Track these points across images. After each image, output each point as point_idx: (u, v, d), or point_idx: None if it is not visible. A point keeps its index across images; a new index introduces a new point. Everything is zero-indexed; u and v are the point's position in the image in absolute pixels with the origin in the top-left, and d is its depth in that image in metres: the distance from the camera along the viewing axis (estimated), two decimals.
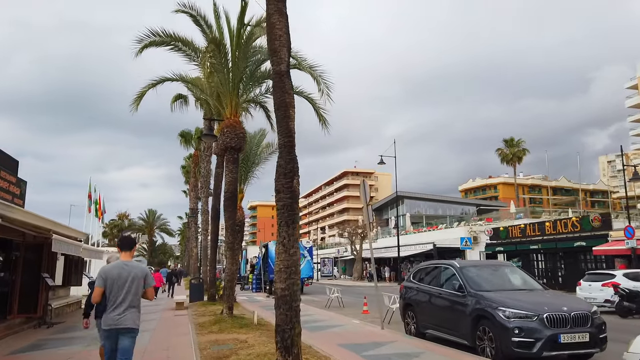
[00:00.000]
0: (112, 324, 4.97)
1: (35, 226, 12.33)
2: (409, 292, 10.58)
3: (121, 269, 5.08)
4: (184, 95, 27.83)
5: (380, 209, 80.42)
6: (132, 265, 5.18)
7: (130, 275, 5.08)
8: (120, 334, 5.04)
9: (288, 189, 6.01)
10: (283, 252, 5.97)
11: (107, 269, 5.14)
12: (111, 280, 5.02)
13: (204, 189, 28.09)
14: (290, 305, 5.95)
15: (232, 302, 12.72)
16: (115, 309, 4.98)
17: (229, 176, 13.26)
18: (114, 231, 78.50)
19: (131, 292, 5.07)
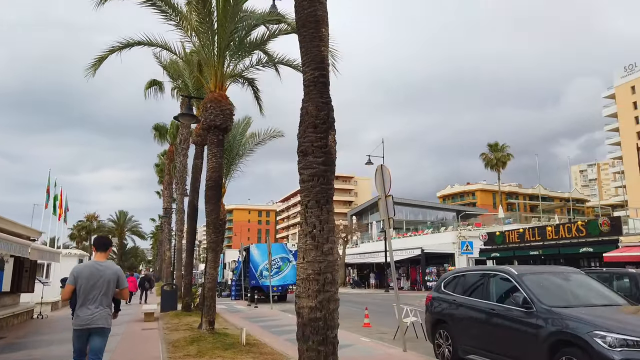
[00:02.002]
0: (84, 323, 4.97)
1: None
2: (441, 306, 8.41)
3: (93, 269, 5.09)
4: (158, 82, 25.30)
5: (360, 213, 78.50)
6: (105, 266, 5.17)
7: (103, 275, 5.07)
8: (92, 334, 5.02)
9: (320, 148, 3.86)
10: (312, 249, 3.82)
11: (79, 268, 5.16)
12: (82, 279, 5.02)
13: (179, 186, 25.48)
14: (325, 335, 3.88)
15: (213, 315, 10.35)
16: (86, 309, 4.97)
17: (213, 161, 10.91)
18: (81, 233, 74.32)
19: (102, 292, 5.05)
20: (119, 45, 11.84)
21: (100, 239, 5.59)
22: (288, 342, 10.37)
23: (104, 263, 5.24)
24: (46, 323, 16.13)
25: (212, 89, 11.32)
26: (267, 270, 24.83)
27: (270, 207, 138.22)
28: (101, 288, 5.06)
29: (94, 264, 5.21)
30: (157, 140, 35.50)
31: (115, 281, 5.20)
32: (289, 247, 26.63)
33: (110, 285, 5.15)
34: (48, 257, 15.20)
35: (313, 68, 4.05)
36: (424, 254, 38.37)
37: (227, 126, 11.07)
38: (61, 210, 25.21)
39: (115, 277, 5.21)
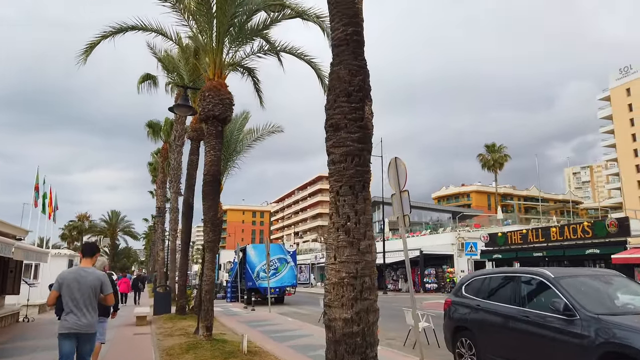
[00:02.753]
0: (70, 327, 5.04)
1: None
2: (462, 311, 7.69)
3: (77, 275, 5.17)
4: (152, 76, 24.46)
5: None
6: (89, 272, 5.25)
7: (87, 281, 5.14)
8: (79, 339, 5.12)
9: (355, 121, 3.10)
10: (347, 246, 3.13)
11: (64, 274, 5.25)
12: (67, 285, 5.09)
13: (173, 184, 24.62)
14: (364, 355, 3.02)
15: (210, 320, 9.56)
16: (72, 314, 5.05)
17: (211, 154, 10.12)
18: (73, 233, 73.05)
19: (87, 298, 5.12)
20: (112, 31, 11.02)
21: (87, 245, 5.76)
22: (291, 350, 9.61)
23: (88, 269, 5.33)
24: (32, 327, 15.24)
25: (210, 76, 10.55)
26: (264, 271, 24.04)
27: (265, 207, 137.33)
28: (85, 294, 5.15)
29: (79, 270, 5.31)
30: (151, 137, 34.58)
31: (99, 287, 5.27)
32: (287, 248, 25.82)
33: (95, 291, 5.23)
34: (35, 257, 14.32)
35: (345, 23, 3.31)
36: (423, 256, 37.69)
37: (227, 116, 10.29)
38: (51, 208, 24.27)
39: (99, 283, 5.27)
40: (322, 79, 11.95)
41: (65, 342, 5.14)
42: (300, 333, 12.15)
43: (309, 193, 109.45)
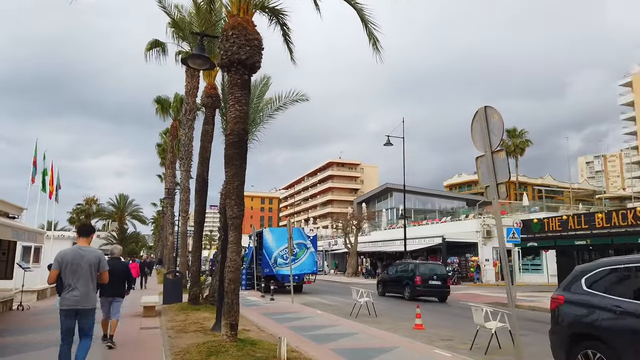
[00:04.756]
0: (70, 304, 5.26)
1: None
2: (586, 313, 5.60)
3: (76, 254, 5.41)
4: (161, 43, 22.34)
5: (367, 201, 75.69)
6: (87, 250, 5.51)
7: (84, 259, 5.38)
8: (79, 314, 5.32)
9: None
10: None
11: (63, 254, 5.46)
12: (66, 263, 5.32)
13: (184, 162, 22.63)
14: None
15: (236, 317, 7.58)
16: (72, 291, 5.26)
17: (236, 109, 8.05)
18: (80, 217, 71.69)
19: (85, 275, 5.35)
20: None
21: (83, 226, 6.05)
22: (337, 355, 7.62)
23: (86, 248, 5.55)
24: (27, 316, 13.40)
25: (234, 12, 8.44)
26: (282, 257, 22.13)
27: (274, 194, 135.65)
28: (84, 271, 5.33)
29: (77, 248, 5.51)
30: (159, 115, 32.51)
31: (96, 264, 5.48)
32: (307, 232, 23.84)
33: (92, 268, 5.41)
34: (27, 238, 12.42)
35: None
36: (446, 243, 35.58)
37: (255, 62, 8.20)
38: (52, 187, 22.38)
39: (97, 261, 5.48)
40: (367, 23, 9.82)
41: (67, 319, 5.33)
42: (339, 331, 10.17)
43: (319, 179, 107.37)
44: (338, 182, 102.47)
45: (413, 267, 20.58)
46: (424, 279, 19.71)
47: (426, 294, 19.79)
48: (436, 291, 19.74)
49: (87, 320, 5.48)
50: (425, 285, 19.61)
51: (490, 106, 6.42)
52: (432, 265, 21.41)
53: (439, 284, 19.80)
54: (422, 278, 19.69)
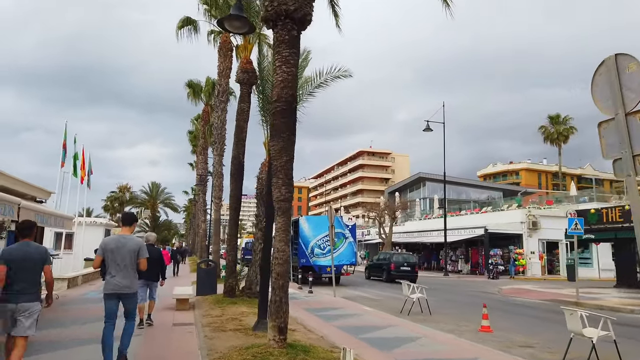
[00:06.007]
0: (112, 289, 5.63)
1: None
2: None
3: (118, 242, 5.74)
4: (192, 20, 21.35)
5: (398, 191, 73.74)
6: (128, 238, 5.83)
7: (126, 247, 5.71)
8: (121, 298, 5.71)
9: None
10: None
11: (106, 241, 5.84)
12: (109, 250, 5.66)
13: (217, 146, 21.62)
14: None
15: (285, 319, 6.33)
16: (114, 277, 5.63)
17: (283, 71, 6.75)
18: (114, 205, 72.60)
19: (126, 262, 5.67)
20: None
21: (126, 215, 6.40)
22: None
23: (127, 236, 5.91)
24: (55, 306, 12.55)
25: None
26: (319, 247, 20.92)
27: (303, 183, 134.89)
28: (125, 258, 5.68)
29: (119, 237, 5.89)
30: (191, 99, 31.68)
31: (137, 252, 5.79)
32: (345, 221, 22.52)
33: (133, 255, 5.74)
34: (53, 223, 11.52)
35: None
36: (488, 234, 33.62)
37: (305, 14, 6.86)
38: (83, 172, 21.75)
39: (137, 248, 5.81)
40: None
41: (109, 302, 5.68)
42: (397, 334, 8.84)
43: (350, 169, 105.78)
44: (368, 171, 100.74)
45: (389, 256, 26.15)
46: (397, 265, 24.61)
47: (398, 277, 22.51)
48: (406, 275, 23.12)
49: (130, 303, 5.84)
50: (397, 270, 24.17)
51: (624, 53, 4.88)
52: (405, 255, 27.55)
53: (409, 270, 24.48)
54: (396, 265, 24.61)
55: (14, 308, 4.89)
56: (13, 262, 4.99)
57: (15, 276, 4.96)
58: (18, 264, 5.00)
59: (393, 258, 25.40)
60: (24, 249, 5.14)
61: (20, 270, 4.99)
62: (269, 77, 14.63)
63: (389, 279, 24.15)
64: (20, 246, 5.20)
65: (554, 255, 35.55)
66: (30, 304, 4.97)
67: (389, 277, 24.26)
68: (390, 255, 26.38)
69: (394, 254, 26.88)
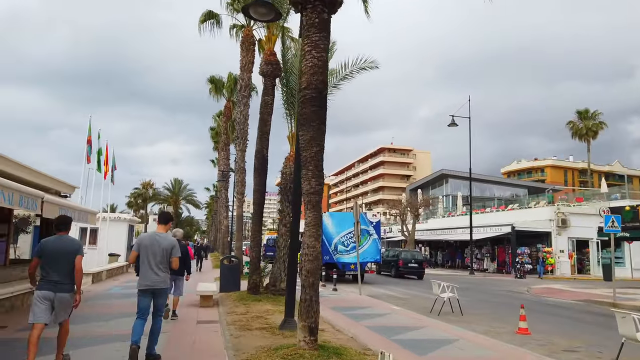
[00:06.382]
0: (146, 284, 5.78)
1: None
2: None
3: (153, 239, 5.90)
4: (215, 14, 21.17)
5: (420, 188, 72.75)
6: (162, 237, 5.98)
7: (160, 244, 5.85)
8: (154, 293, 5.84)
9: None
10: None
11: (141, 238, 6.08)
12: (144, 247, 5.84)
13: (239, 141, 21.41)
14: None
15: (315, 319, 5.98)
16: (148, 273, 5.77)
17: (312, 56, 6.37)
18: (138, 201, 73.58)
19: (160, 259, 5.82)
20: None
21: (162, 214, 6.49)
22: None
23: (162, 234, 6.06)
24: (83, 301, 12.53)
25: None
26: (343, 244, 20.55)
27: None
28: (159, 255, 5.82)
29: (154, 234, 6.03)
30: (213, 95, 31.55)
31: (170, 250, 5.91)
32: (369, 217, 22.06)
33: (166, 253, 5.87)
34: (77, 217, 11.38)
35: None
36: (515, 232, 32.68)
37: None
38: (107, 167, 21.84)
39: (171, 247, 5.93)
40: None
41: (143, 297, 5.82)
42: (431, 335, 8.40)
43: (370, 165, 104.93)
44: (390, 168, 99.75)
45: (397, 253, 27.13)
46: (405, 262, 25.56)
47: (406, 273, 25.03)
48: (414, 271, 25.23)
49: (160, 298, 5.94)
50: (405, 266, 25.36)
51: None
52: (412, 252, 28.10)
53: (416, 266, 25.54)
54: (404, 261, 25.57)
55: (52, 297, 5.27)
56: (48, 254, 5.34)
57: (51, 268, 5.31)
58: (53, 257, 5.34)
59: (401, 255, 26.26)
60: (58, 242, 5.46)
61: (56, 262, 5.32)
62: (293, 69, 14.31)
63: (397, 274, 25.33)
64: (56, 239, 5.52)
65: (584, 254, 34.38)
66: (66, 295, 5.36)
67: (397, 272, 25.37)
68: (398, 252, 27.46)
69: (402, 251, 27.92)
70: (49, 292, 5.23)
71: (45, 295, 5.23)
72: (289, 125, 14.08)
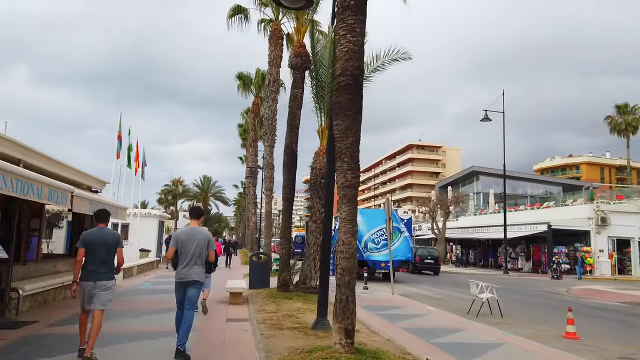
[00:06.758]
0: (182, 277, 5.90)
1: None
2: None
3: (189, 234, 6.01)
4: (243, 9, 21.00)
5: (450, 185, 71.27)
6: (198, 231, 6.10)
7: (196, 239, 5.97)
8: (188, 286, 5.93)
9: None
10: None
11: (178, 233, 6.16)
12: (181, 242, 5.95)
13: (268, 137, 21.21)
14: None
15: (352, 320, 5.61)
16: (185, 267, 5.90)
17: (348, 40, 5.97)
18: (168, 198, 74.73)
19: (196, 253, 5.95)
20: None
21: (194, 209, 6.62)
22: None
23: (197, 229, 6.17)
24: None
25: None
26: (373, 242, 20.11)
27: None
28: (195, 249, 5.92)
29: (190, 229, 6.13)
30: (241, 92, 31.52)
31: (206, 244, 6.05)
32: (400, 214, 21.52)
33: (202, 247, 6.00)
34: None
35: None
36: (552, 231, 31.46)
37: None
38: (137, 163, 22.03)
39: (207, 241, 6.08)
40: None
41: (179, 291, 5.97)
42: (474, 339, 7.91)
43: (398, 163, 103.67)
44: (418, 165, 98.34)
45: (414, 250, 26.80)
46: (422, 258, 26.89)
47: (423, 269, 26.38)
48: (430, 267, 26.83)
49: (194, 291, 5.98)
50: (422, 263, 26.79)
51: None
52: (429, 249, 30.03)
53: (432, 262, 27.04)
54: (420, 258, 26.87)
55: (92, 285, 5.61)
56: (90, 244, 5.72)
57: (91, 258, 5.70)
58: (93, 247, 5.72)
59: (418, 252, 27.27)
60: (99, 233, 5.85)
61: (97, 251, 5.70)
62: (322, 62, 13.94)
63: (415, 270, 26.75)
64: (97, 231, 5.93)
65: (625, 254, 32.83)
66: (107, 282, 5.71)
67: (415, 268, 26.71)
68: (415, 249, 27.85)
69: (419, 248, 29.17)
70: (90, 282, 5.65)
71: (87, 283, 5.65)
72: (318, 119, 13.72)
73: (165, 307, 9.88)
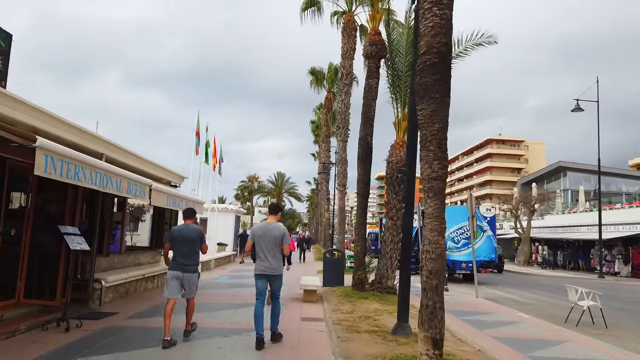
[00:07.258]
0: (261, 270, 6.26)
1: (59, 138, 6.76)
2: None
3: (265, 229, 6.39)
4: (316, 1, 20.70)
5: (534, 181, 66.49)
6: (273, 226, 6.41)
7: (271, 233, 6.29)
8: (269, 279, 6.31)
9: None
10: None
11: (255, 228, 6.61)
12: (257, 237, 6.34)
13: (341, 131, 20.78)
14: None
15: (440, 329, 4.96)
16: (263, 260, 6.25)
17: (434, 13, 5.30)
18: (244, 194, 77.14)
19: (272, 247, 6.26)
20: None
21: (272, 205, 6.91)
22: None
23: (273, 224, 6.48)
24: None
25: None
26: (452, 240, 19.00)
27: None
28: (271, 243, 6.24)
29: (266, 224, 6.53)
30: (314, 87, 31.42)
31: (281, 238, 6.30)
32: (483, 212, 20.16)
33: (278, 241, 6.27)
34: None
35: None
36: None
37: None
38: (215, 159, 22.55)
39: (282, 235, 6.32)
40: None
41: (258, 281, 6.31)
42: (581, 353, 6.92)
43: (476, 158, 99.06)
44: (498, 160, 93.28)
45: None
46: None
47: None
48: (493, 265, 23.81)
49: (275, 283, 6.35)
50: None
51: None
52: None
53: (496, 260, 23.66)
54: None
55: (179, 275, 6.26)
56: (175, 240, 6.36)
57: (178, 251, 6.32)
58: (180, 242, 6.34)
59: None
60: (184, 230, 6.44)
61: (183, 246, 6.32)
62: (399, 49, 13.22)
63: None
64: (183, 227, 6.53)
65: None
66: (191, 275, 6.36)
67: None
68: None
69: None
70: (178, 272, 6.24)
71: (175, 274, 6.24)
72: (394, 110, 13.04)
73: (239, 302, 9.78)
